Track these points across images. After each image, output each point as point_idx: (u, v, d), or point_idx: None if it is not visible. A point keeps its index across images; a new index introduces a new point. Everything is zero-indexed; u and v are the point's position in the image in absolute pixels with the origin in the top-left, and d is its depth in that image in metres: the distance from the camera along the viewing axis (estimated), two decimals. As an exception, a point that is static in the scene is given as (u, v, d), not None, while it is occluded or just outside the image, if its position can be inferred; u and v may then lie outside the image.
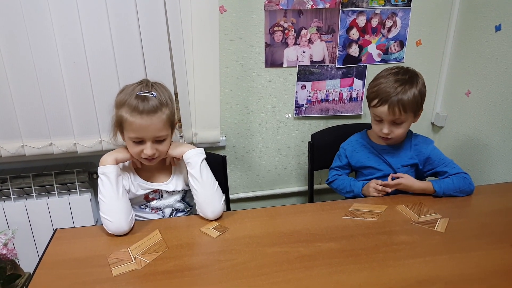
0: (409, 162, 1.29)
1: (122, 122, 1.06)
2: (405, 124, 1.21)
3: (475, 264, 0.92)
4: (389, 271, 0.90)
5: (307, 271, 0.90)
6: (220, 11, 1.50)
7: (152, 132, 1.05)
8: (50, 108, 1.41)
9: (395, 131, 1.21)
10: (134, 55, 1.41)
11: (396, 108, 1.16)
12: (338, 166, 1.40)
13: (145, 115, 1.03)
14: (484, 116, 1.57)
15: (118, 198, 1.04)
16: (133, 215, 1.07)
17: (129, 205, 1.07)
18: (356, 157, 1.35)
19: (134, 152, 1.09)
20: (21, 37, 1.31)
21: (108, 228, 1.03)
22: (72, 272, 0.91)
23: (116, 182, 1.05)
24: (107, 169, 1.05)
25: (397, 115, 1.17)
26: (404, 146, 1.29)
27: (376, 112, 1.21)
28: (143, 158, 1.10)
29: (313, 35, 1.61)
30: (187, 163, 1.13)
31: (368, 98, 1.24)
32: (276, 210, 1.18)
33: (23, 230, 1.55)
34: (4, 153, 1.44)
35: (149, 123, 1.03)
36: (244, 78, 1.64)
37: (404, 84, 1.17)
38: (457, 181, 1.20)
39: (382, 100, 1.18)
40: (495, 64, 1.50)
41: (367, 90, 1.27)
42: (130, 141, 1.08)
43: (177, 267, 0.92)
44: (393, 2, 1.61)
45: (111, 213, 1.03)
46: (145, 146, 1.06)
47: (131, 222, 1.06)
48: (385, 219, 1.10)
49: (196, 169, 1.11)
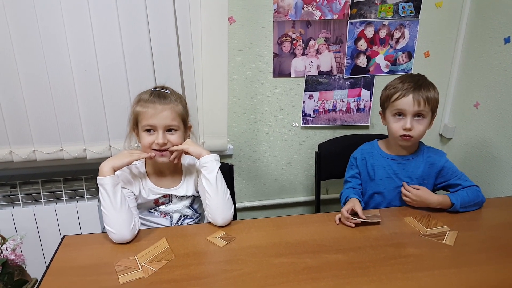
0: (419, 174, 1.26)
1: (137, 116, 1.12)
2: (425, 120, 1.19)
3: (484, 278, 0.90)
4: (397, 284, 0.89)
5: (313, 283, 0.89)
6: (230, 21, 1.52)
7: (163, 120, 1.09)
8: (61, 114, 1.44)
9: (416, 127, 1.19)
10: (144, 64, 1.43)
11: (421, 97, 1.16)
12: (351, 176, 1.36)
13: (158, 104, 1.10)
14: (493, 128, 1.56)
15: (116, 209, 1.04)
16: (135, 222, 1.07)
17: (129, 213, 1.07)
18: (364, 166, 1.33)
19: (147, 143, 1.11)
20: (34, 45, 1.34)
21: (112, 238, 1.05)
22: (79, 279, 0.92)
23: (114, 193, 1.05)
24: (103, 181, 1.05)
25: (421, 106, 1.16)
26: (416, 158, 1.27)
27: (399, 105, 1.19)
28: (155, 151, 1.12)
29: (321, 46, 1.62)
30: (203, 167, 1.14)
31: (388, 96, 1.22)
32: (283, 220, 1.17)
33: (31, 236, 1.56)
34: (15, 158, 1.46)
35: (161, 110, 1.09)
36: (252, 87, 1.65)
37: (424, 80, 1.21)
38: (471, 193, 1.19)
39: (405, 91, 1.17)
40: (504, 76, 1.49)
41: (383, 93, 1.26)
42: (143, 133, 1.12)
43: (183, 276, 0.92)
44: (401, 14, 1.62)
45: (112, 223, 1.04)
46: (157, 134, 1.10)
47: (133, 230, 1.06)
48: (393, 231, 1.10)
49: (213, 174, 1.12)
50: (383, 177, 1.29)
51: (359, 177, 1.34)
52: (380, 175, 1.30)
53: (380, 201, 1.31)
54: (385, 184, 1.29)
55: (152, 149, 1.12)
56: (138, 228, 1.09)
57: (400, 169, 1.28)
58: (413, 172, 1.27)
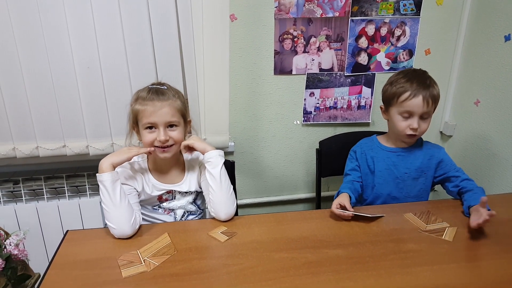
0: (418, 165, 1.29)
1: (137, 115, 1.12)
2: (429, 119, 1.23)
3: (482, 274, 0.91)
4: (396, 279, 0.90)
5: (314, 278, 0.90)
6: (231, 19, 1.53)
7: (164, 116, 1.10)
8: (64, 111, 1.45)
9: (422, 125, 1.22)
10: (146, 61, 1.44)
11: (430, 99, 1.19)
12: (351, 169, 1.37)
13: (157, 101, 1.10)
14: (493, 126, 1.57)
15: (115, 205, 1.05)
16: (136, 217, 1.08)
17: (129, 209, 1.07)
18: (364, 159, 1.35)
19: (148, 141, 1.12)
20: (38, 43, 1.35)
21: (113, 233, 1.06)
22: (82, 273, 0.93)
23: (113, 189, 1.05)
24: (102, 177, 1.06)
25: (429, 107, 1.20)
26: (415, 150, 1.30)
27: (408, 106, 1.20)
28: (157, 148, 1.13)
29: (322, 43, 1.63)
30: (207, 162, 1.15)
31: (395, 94, 1.22)
32: (284, 216, 1.18)
33: (34, 232, 1.57)
34: (19, 154, 1.47)
35: (160, 107, 1.09)
36: (253, 84, 1.66)
37: (429, 78, 1.23)
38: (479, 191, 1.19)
39: (415, 92, 1.19)
40: (505, 73, 1.50)
41: (388, 89, 1.26)
42: (144, 131, 1.12)
43: (185, 270, 0.93)
44: (402, 11, 1.63)
45: (113, 219, 1.05)
46: (158, 131, 1.11)
47: (134, 226, 1.06)
48: (393, 227, 1.11)
49: (217, 169, 1.14)
50: (382, 168, 1.32)
51: (359, 169, 1.36)
52: (379, 167, 1.32)
53: (380, 193, 1.33)
54: (385, 175, 1.31)
55: (154, 146, 1.13)
56: (139, 223, 1.10)
57: (399, 160, 1.30)
58: (412, 164, 1.29)
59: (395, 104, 1.24)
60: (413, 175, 1.29)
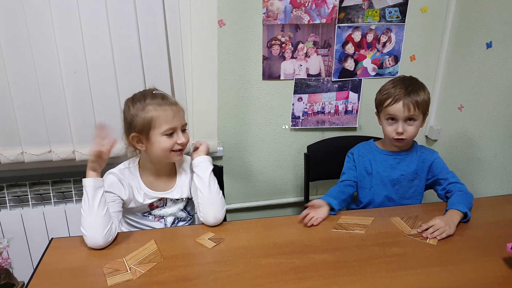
0: (414, 169, 1.33)
1: (151, 122, 1.08)
2: (417, 122, 1.26)
3: (466, 277, 0.93)
4: (381, 282, 0.91)
5: (300, 283, 0.91)
6: (219, 24, 1.53)
7: (181, 119, 1.13)
8: (50, 115, 1.43)
9: (408, 130, 1.25)
10: (133, 66, 1.43)
11: (410, 103, 1.22)
12: (347, 168, 1.40)
13: (173, 105, 1.11)
14: (476, 130, 1.60)
15: (91, 212, 1.01)
16: (111, 228, 1.03)
17: (106, 218, 1.02)
18: (361, 161, 1.38)
19: (167, 147, 1.11)
20: (23, 46, 1.33)
21: (85, 241, 1.02)
22: (67, 282, 0.91)
23: (93, 196, 1.01)
24: (85, 182, 1.03)
25: (411, 111, 1.22)
26: (410, 153, 1.34)
27: (391, 111, 1.25)
28: (174, 152, 1.12)
29: (310, 49, 1.64)
30: (196, 166, 1.16)
31: (380, 101, 1.28)
32: (271, 221, 1.19)
33: (18, 239, 1.54)
34: (3, 159, 1.45)
35: (177, 111, 1.12)
36: (242, 90, 1.67)
37: (414, 85, 1.26)
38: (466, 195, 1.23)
39: (396, 98, 1.23)
40: (487, 79, 1.53)
41: (377, 96, 1.31)
42: (162, 137, 1.10)
43: (172, 277, 0.93)
44: (388, 18, 1.66)
45: (86, 226, 1.01)
46: (178, 135, 1.12)
47: (107, 236, 1.02)
48: (378, 231, 1.12)
49: (206, 173, 1.15)
50: (379, 170, 1.35)
51: (355, 169, 1.39)
52: (377, 169, 1.35)
53: (377, 194, 1.36)
54: (382, 177, 1.35)
55: (172, 151, 1.12)
56: (114, 234, 1.05)
57: (396, 163, 1.34)
58: (408, 166, 1.34)
59: (382, 110, 1.29)
60: (409, 177, 1.33)
